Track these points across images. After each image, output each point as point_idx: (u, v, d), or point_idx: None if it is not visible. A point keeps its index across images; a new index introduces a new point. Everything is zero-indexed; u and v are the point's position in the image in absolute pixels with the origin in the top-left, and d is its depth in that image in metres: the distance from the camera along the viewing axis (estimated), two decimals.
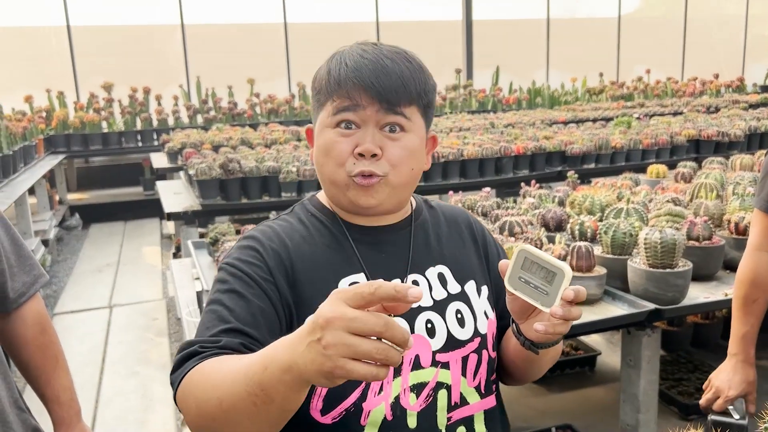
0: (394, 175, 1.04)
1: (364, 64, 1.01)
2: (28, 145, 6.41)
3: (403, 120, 1.03)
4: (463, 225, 1.22)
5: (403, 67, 1.03)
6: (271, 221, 1.14)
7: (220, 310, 0.98)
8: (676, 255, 2.10)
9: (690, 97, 9.86)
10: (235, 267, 1.03)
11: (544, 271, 0.93)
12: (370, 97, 1.00)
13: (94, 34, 9.60)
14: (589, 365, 3.34)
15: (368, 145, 1.01)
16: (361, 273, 1.07)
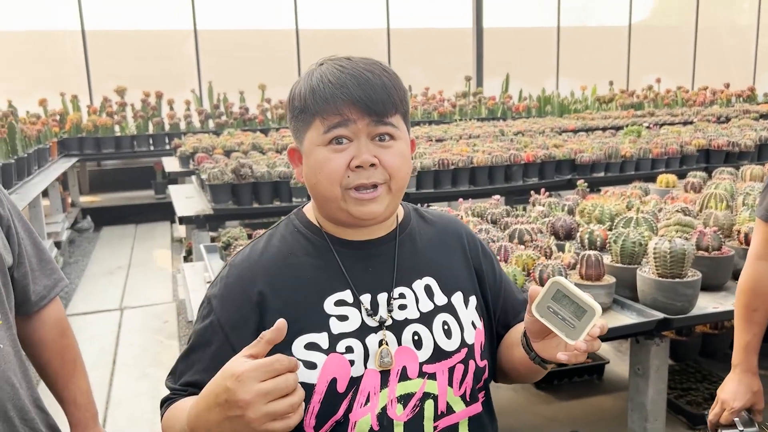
0: (395, 182, 1.07)
1: (347, 79, 1.03)
2: (42, 148, 6.49)
3: (392, 129, 1.06)
4: (454, 235, 1.23)
5: (384, 78, 1.05)
6: (256, 242, 1.16)
7: (192, 357, 1.11)
8: (685, 265, 2.12)
9: (700, 107, 9.85)
10: (212, 308, 1.10)
11: (574, 305, 0.96)
12: (360, 110, 1.02)
13: (108, 39, 9.71)
14: (598, 374, 3.34)
15: (366, 156, 1.03)
16: (348, 290, 1.09)
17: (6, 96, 7.99)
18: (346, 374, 1.04)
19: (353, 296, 1.09)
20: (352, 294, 1.09)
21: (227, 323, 1.07)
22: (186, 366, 1.11)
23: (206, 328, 1.09)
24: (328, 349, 1.05)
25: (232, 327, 1.07)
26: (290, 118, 1.11)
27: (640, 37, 12.74)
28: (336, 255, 1.11)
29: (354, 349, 1.06)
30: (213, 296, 1.11)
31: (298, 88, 1.09)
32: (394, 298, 1.11)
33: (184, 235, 6.09)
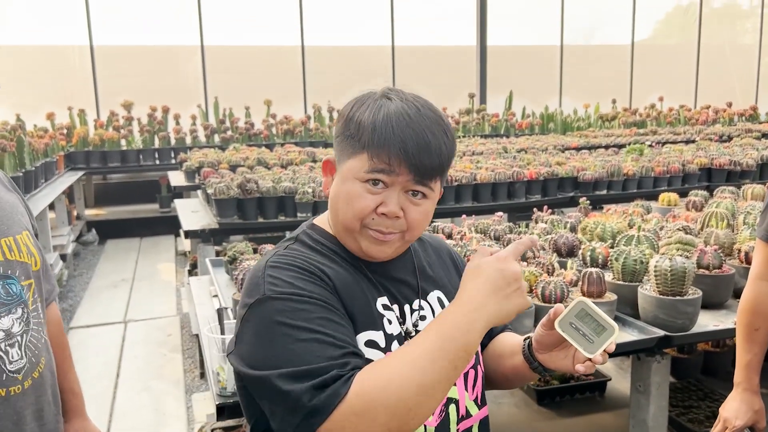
0: (410, 235, 1.11)
1: (409, 135, 1.05)
2: (50, 161, 6.55)
3: (428, 190, 1.10)
4: (445, 253, 1.33)
5: (441, 143, 1.07)
6: (284, 251, 1.12)
7: (320, 337, 0.96)
8: (686, 283, 2.14)
9: (703, 125, 9.89)
10: (300, 294, 1.01)
11: (595, 323, 1.09)
12: (407, 168, 1.05)
13: (115, 54, 9.82)
14: (599, 390, 3.35)
15: (393, 208, 1.07)
16: (386, 296, 1.14)
17: (14, 110, 8.07)
18: None
19: (390, 303, 1.15)
20: (388, 300, 1.14)
21: (322, 296, 1.03)
22: (327, 345, 0.96)
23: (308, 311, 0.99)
24: (385, 348, 1.09)
25: (335, 302, 1.04)
26: (340, 132, 1.12)
27: (643, 55, 12.83)
28: (366, 268, 1.15)
29: None
30: (288, 288, 1.02)
31: (360, 113, 1.09)
32: (414, 309, 1.18)
33: (188, 249, 6.13)
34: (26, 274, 1.34)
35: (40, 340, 1.37)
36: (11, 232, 1.33)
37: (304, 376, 0.92)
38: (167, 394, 3.93)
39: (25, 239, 1.36)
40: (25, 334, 1.32)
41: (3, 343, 1.27)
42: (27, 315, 1.33)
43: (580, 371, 1.10)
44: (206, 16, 9.99)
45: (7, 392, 1.27)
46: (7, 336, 1.28)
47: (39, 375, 1.35)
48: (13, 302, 1.30)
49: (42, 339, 1.38)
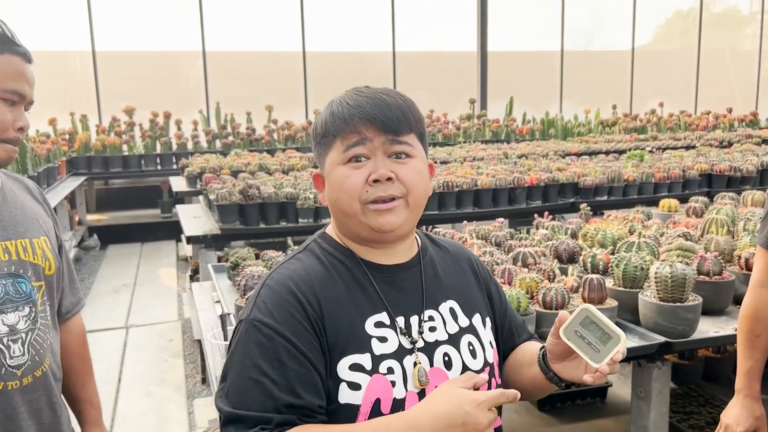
0: (412, 198, 1.11)
1: (364, 101, 1.10)
2: (52, 167, 6.57)
3: (408, 147, 1.11)
4: (465, 261, 1.30)
5: (399, 100, 1.12)
6: (288, 263, 1.15)
7: (266, 383, 1.03)
8: (686, 289, 2.15)
9: (703, 131, 9.92)
10: (272, 328, 1.05)
11: (601, 332, 1.06)
12: (376, 128, 1.08)
13: (118, 60, 9.86)
14: (600, 396, 3.36)
15: (382, 170, 1.08)
16: (384, 312, 1.12)
17: None
18: (389, 396, 1.07)
19: (390, 318, 1.13)
20: (389, 316, 1.13)
21: (297, 339, 1.06)
22: (265, 395, 1.03)
23: (272, 349, 1.04)
24: (371, 370, 1.07)
25: (303, 343, 1.06)
26: (314, 146, 1.17)
27: (643, 61, 12.87)
28: (371, 278, 1.14)
29: (394, 370, 1.09)
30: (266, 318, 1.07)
31: (320, 117, 1.16)
32: (424, 320, 1.16)
33: (189, 254, 6.15)
34: (37, 276, 1.41)
35: (46, 341, 1.42)
36: (28, 234, 1.41)
37: (237, 421, 1.02)
38: (169, 399, 3.94)
39: (42, 244, 1.43)
40: (31, 332, 1.37)
41: (6, 338, 1.33)
42: (35, 314, 1.39)
43: (588, 382, 1.08)
44: (208, 21, 10.03)
45: (4, 386, 1.31)
46: (11, 331, 1.34)
47: (42, 374, 1.40)
48: (22, 300, 1.36)
49: (48, 341, 1.43)
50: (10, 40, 1.36)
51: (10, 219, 1.39)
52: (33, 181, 1.62)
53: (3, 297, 1.33)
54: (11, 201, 1.42)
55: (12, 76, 1.35)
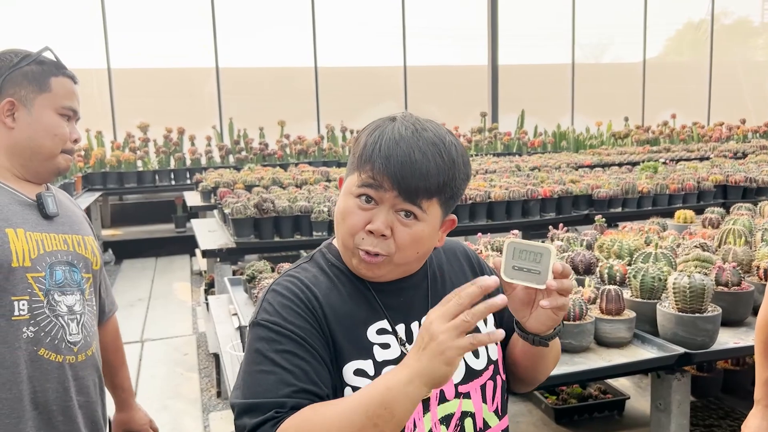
0: (399, 257, 1.10)
1: (395, 152, 1.06)
2: (68, 183, 6.65)
3: (418, 211, 1.08)
4: (462, 256, 1.30)
5: (431, 163, 1.06)
6: (293, 271, 1.18)
7: (278, 371, 1.04)
8: (705, 300, 2.14)
9: (716, 142, 9.87)
10: (279, 325, 1.07)
11: (532, 254, 1.06)
12: (391, 184, 1.06)
13: (132, 76, 10.00)
14: (618, 409, 3.33)
15: (378, 225, 1.07)
16: (384, 319, 1.14)
17: None
18: None
19: (390, 326, 1.15)
20: (388, 323, 1.15)
21: (305, 333, 1.07)
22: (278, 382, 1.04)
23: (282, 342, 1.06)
24: (374, 375, 1.09)
25: (311, 337, 1.07)
26: (351, 153, 1.18)
27: (655, 73, 12.85)
28: (370, 288, 1.16)
29: None
30: (272, 317, 1.09)
31: (363, 133, 1.14)
32: None
33: (204, 268, 6.18)
34: (87, 269, 1.61)
35: (93, 326, 1.62)
36: (81, 232, 1.64)
37: (251, 410, 1.03)
38: (185, 413, 3.94)
39: (90, 241, 1.65)
40: (82, 315, 1.57)
41: (66, 316, 1.52)
42: (83, 301, 1.58)
43: (545, 305, 1.05)
44: (221, 38, 10.15)
45: (64, 359, 1.51)
46: (70, 311, 1.53)
47: (92, 354, 1.60)
48: (74, 288, 1.56)
49: (94, 326, 1.62)
50: (61, 65, 1.62)
51: (67, 218, 1.61)
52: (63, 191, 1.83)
53: (64, 280, 1.53)
54: (63, 203, 1.65)
55: (67, 96, 1.61)
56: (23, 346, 1.45)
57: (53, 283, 1.51)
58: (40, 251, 1.49)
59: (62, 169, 1.60)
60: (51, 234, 1.54)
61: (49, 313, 1.49)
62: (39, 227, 1.52)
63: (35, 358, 1.46)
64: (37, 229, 1.51)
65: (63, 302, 1.52)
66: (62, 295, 1.52)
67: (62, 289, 1.52)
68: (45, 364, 1.48)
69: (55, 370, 1.49)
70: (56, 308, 1.50)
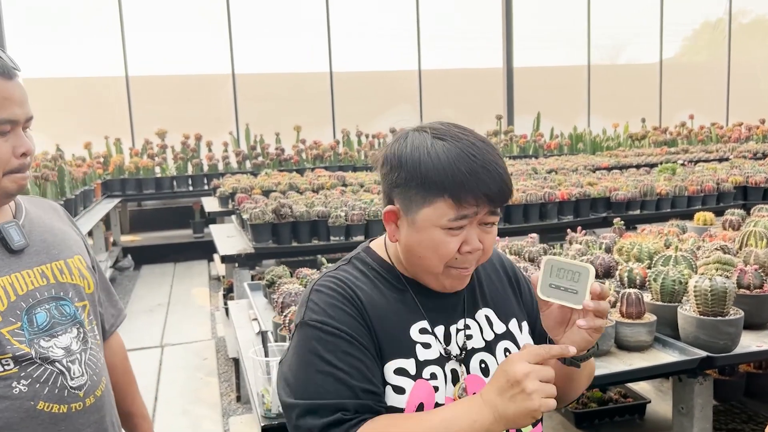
0: (484, 258, 1.16)
1: (483, 174, 1.07)
2: (88, 190, 6.73)
3: (498, 215, 1.14)
4: (498, 265, 1.32)
5: (505, 170, 1.11)
6: (334, 272, 1.19)
7: (336, 372, 1.06)
8: (726, 303, 2.12)
9: (735, 143, 9.76)
10: (330, 325, 1.09)
11: (570, 273, 1.06)
12: (489, 205, 1.08)
13: (150, 84, 10.11)
14: (639, 413, 3.30)
15: (476, 245, 1.11)
16: (424, 320, 1.16)
17: (54, 140, 8.35)
18: (431, 400, 1.11)
19: (430, 327, 1.17)
20: (428, 324, 1.17)
21: (356, 333, 1.09)
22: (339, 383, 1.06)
23: (335, 343, 1.08)
24: (416, 375, 1.12)
25: (361, 336, 1.10)
26: (402, 182, 1.11)
27: (672, 73, 12.75)
28: (411, 291, 1.18)
29: (437, 376, 1.13)
30: (322, 317, 1.10)
31: (420, 160, 1.09)
32: (460, 329, 1.20)
33: (221, 273, 6.22)
34: (80, 296, 1.40)
35: (99, 359, 1.41)
36: (62, 256, 1.39)
37: (314, 411, 1.04)
38: (205, 417, 3.97)
39: (77, 263, 1.41)
40: (84, 353, 1.36)
41: (65, 360, 1.31)
42: (84, 334, 1.38)
43: (582, 325, 1.06)
44: (237, 44, 10.24)
45: (68, 408, 1.30)
46: (68, 353, 1.32)
47: (102, 394, 1.39)
48: (68, 322, 1.34)
49: (100, 360, 1.42)
50: None
51: (41, 243, 1.37)
52: (58, 204, 1.60)
53: (50, 321, 1.31)
54: (39, 225, 1.40)
55: None
56: (16, 403, 1.24)
57: (35, 330, 1.28)
58: (10, 299, 1.26)
59: (11, 191, 1.30)
60: (23, 272, 1.30)
61: (41, 362, 1.28)
62: (4, 269, 1.28)
63: (34, 414, 1.26)
64: (2, 271, 1.27)
65: (55, 345, 1.31)
66: (51, 338, 1.30)
67: (50, 332, 1.30)
68: (47, 419, 1.28)
69: (61, 423, 1.29)
70: (48, 354, 1.29)
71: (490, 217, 1.11)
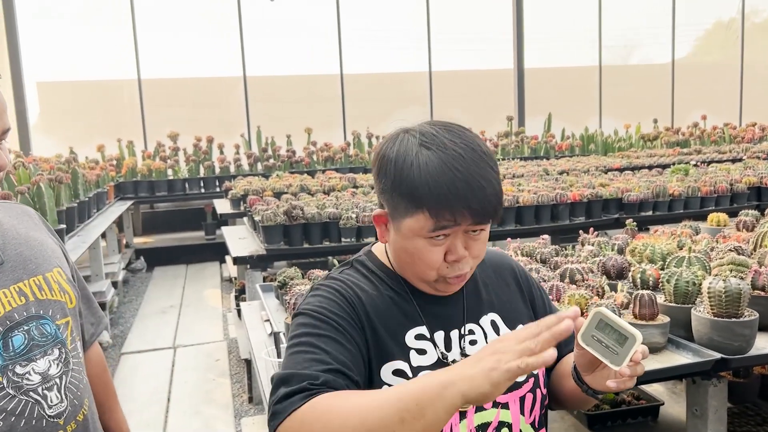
0: (475, 265, 1.16)
1: (465, 189, 1.05)
2: (101, 192, 6.79)
3: (486, 224, 1.13)
4: (507, 271, 1.32)
5: (494, 183, 1.08)
6: (334, 274, 1.22)
7: (316, 351, 1.05)
8: (741, 304, 2.11)
9: (749, 143, 9.67)
10: (321, 313, 1.11)
11: (617, 333, 1.02)
12: (470, 217, 1.07)
13: (162, 86, 10.18)
14: (652, 415, 3.28)
15: (461, 253, 1.11)
16: (423, 326, 1.17)
17: (68, 142, 8.42)
18: None
19: (429, 333, 1.17)
20: (427, 330, 1.17)
21: (344, 323, 1.10)
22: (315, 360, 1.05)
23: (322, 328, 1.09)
24: (411, 378, 1.11)
25: (350, 327, 1.10)
26: (388, 188, 1.12)
27: (684, 74, 12.66)
28: (411, 295, 1.19)
29: None
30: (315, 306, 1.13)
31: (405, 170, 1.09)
32: (463, 334, 1.19)
33: (233, 275, 6.25)
34: (62, 313, 1.30)
35: (81, 380, 1.32)
36: (40, 270, 1.28)
37: (286, 380, 1.03)
38: (217, 418, 3.99)
39: (56, 276, 1.32)
40: (65, 375, 1.26)
41: (40, 387, 1.21)
42: (65, 355, 1.27)
43: (612, 388, 1.05)
44: (248, 47, 10.28)
45: None
46: (44, 379, 1.22)
47: (84, 418, 1.30)
48: (48, 343, 1.24)
49: (83, 380, 1.33)
50: None
51: (17, 257, 1.25)
52: (31, 207, 1.48)
53: (28, 344, 1.20)
54: (13, 237, 1.28)
55: None
56: None
57: (11, 354, 1.18)
58: None
59: None
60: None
61: (14, 393, 1.17)
62: None
63: None
64: None
65: (32, 371, 1.20)
66: (28, 363, 1.20)
67: (27, 356, 1.20)
68: None
69: None
70: (22, 383, 1.18)
71: (479, 226, 1.10)
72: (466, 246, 1.11)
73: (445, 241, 1.10)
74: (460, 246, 1.11)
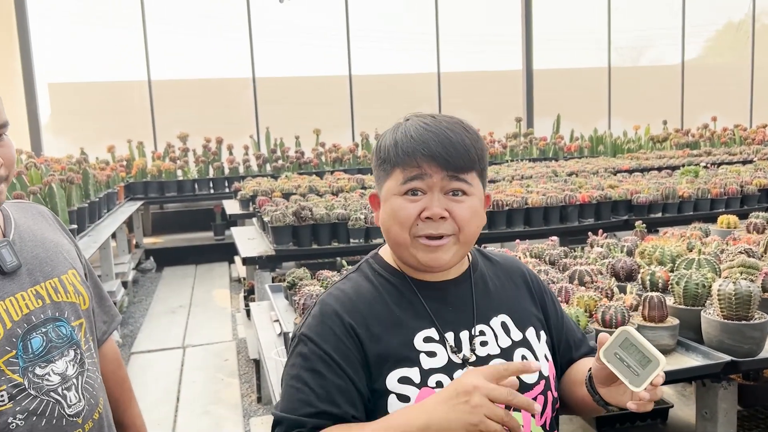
0: (463, 235, 1.14)
1: (429, 136, 1.11)
2: (111, 192, 6.83)
3: (466, 185, 1.13)
4: (518, 275, 1.31)
5: (464, 137, 1.13)
6: (340, 283, 1.23)
7: (305, 390, 1.11)
8: (751, 307, 2.10)
9: (759, 145, 9.61)
10: (314, 343, 1.14)
11: (640, 354, 1.03)
12: (437, 166, 1.10)
13: (172, 88, 10.23)
14: (661, 418, 3.27)
15: (436, 209, 1.11)
16: (432, 327, 1.17)
17: (78, 144, 8.48)
18: None
19: (438, 334, 1.17)
20: (437, 332, 1.17)
21: (336, 354, 1.12)
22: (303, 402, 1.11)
23: (313, 361, 1.13)
24: (420, 383, 1.12)
25: (341, 357, 1.12)
26: (374, 166, 1.21)
27: (694, 75, 12.60)
28: (419, 296, 1.19)
29: (443, 384, 1.12)
30: (311, 333, 1.16)
31: (383, 140, 1.18)
32: (474, 335, 1.19)
33: (242, 275, 6.28)
34: (76, 314, 1.33)
35: (96, 380, 1.36)
36: (55, 273, 1.31)
37: (279, 423, 1.12)
38: (226, 418, 4.01)
39: (71, 278, 1.34)
40: (81, 375, 1.30)
41: (60, 388, 1.24)
42: (81, 356, 1.31)
43: (632, 409, 1.06)
44: (257, 48, 10.32)
45: None
46: (63, 380, 1.25)
47: (99, 416, 1.34)
48: (65, 344, 1.27)
49: (98, 379, 1.37)
50: None
51: (34, 260, 1.28)
52: (45, 206, 1.49)
53: (47, 346, 1.23)
54: (29, 239, 1.31)
55: None
56: None
57: (30, 357, 1.21)
58: (6, 326, 1.18)
59: None
60: (17, 295, 1.22)
61: (36, 393, 1.20)
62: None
63: None
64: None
65: (51, 372, 1.23)
66: (47, 364, 1.23)
67: (45, 357, 1.23)
68: None
69: None
70: (42, 384, 1.21)
71: (455, 184, 1.12)
72: (447, 208, 1.12)
73: (421, 198, 1.12)
74: (436, 203, 1.11)
